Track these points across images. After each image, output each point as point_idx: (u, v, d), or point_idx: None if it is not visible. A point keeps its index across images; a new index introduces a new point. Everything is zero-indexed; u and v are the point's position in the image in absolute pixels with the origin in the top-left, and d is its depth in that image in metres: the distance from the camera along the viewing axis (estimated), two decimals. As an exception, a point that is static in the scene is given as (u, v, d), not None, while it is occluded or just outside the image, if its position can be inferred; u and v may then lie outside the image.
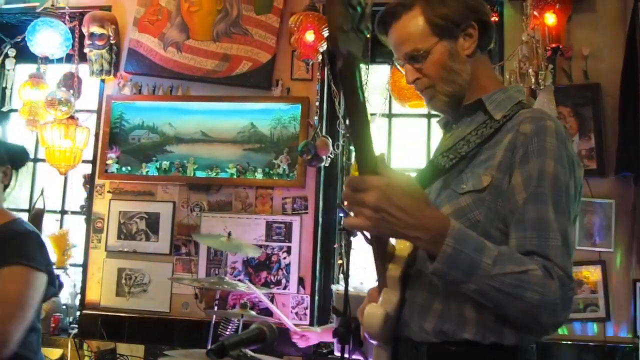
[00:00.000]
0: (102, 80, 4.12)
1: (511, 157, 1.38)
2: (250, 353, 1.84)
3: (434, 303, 1.40)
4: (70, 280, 4.04)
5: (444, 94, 1.53)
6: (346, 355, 1.88)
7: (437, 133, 2.25)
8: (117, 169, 3.97)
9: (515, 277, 1.23)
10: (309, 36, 3.48)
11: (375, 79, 3.96)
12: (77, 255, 4.03)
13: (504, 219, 1.36)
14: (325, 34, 3.64)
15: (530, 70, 3.22)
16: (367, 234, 1.38)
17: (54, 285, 2.09)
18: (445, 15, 1.48)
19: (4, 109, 4.30)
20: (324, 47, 3.66)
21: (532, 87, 3.27)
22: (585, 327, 3.37)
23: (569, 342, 3.35)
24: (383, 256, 1.44)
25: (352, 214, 1.24)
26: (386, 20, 1.56)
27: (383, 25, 1.57)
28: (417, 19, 1.50)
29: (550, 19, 3.34)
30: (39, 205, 4.08)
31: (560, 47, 3.37)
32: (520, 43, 3.32)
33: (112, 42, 4.01)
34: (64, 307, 3.95)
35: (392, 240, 1.47)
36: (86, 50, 3.99)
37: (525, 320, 1.27)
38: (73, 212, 4.28)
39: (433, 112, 1.72)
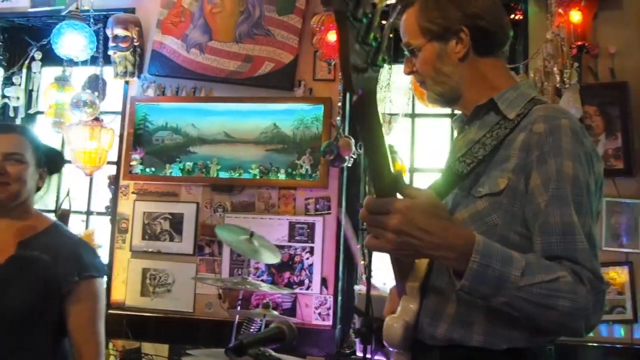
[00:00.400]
0: (126, 82, 4.16)
1: (526, 158, 1.36)
2: (272, 353, 1.85)
3: (446, 309, 1.40)
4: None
5: (434, 92, 1.56)
6: (368, 356, 1.88)
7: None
8: (141, 170, 4.01)
9: (545, 287, 1.20)
10: (331, 36, 3.48)
11: (398, 79, 3.95)
12: (102, 256, 4.07)
13: (524, 222, 1.34)
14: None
15: (555, 69, 3.19)
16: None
17: None
18: (434, 19, 1.50)
19: (31, 111, 4.36)
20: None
21: (557, 85, 3.23)
22: (611, 330, 3.32)
23: (595, 345, 3.30)
24: (403, 269, 1.45)
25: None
26: (398, 10, 1.59)
27: (405, 8, 1.59)
28: (411, 17, 1.54)
29: (575, 16, 3.30)
30: (65, 206, 4.13)
31: (586, 45, 3.33)
32: (545, 41, 3.28)
33: (136, 44, 4.05)
34: (90, 306, 4.00)
35: None
36: (110, 52, 4.04)
37: (558, 327, 1.26)
38: (98, 213, 4.33)
39: (457, 111, 1.71)
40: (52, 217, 2.16)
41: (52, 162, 2.13)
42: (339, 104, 3.78)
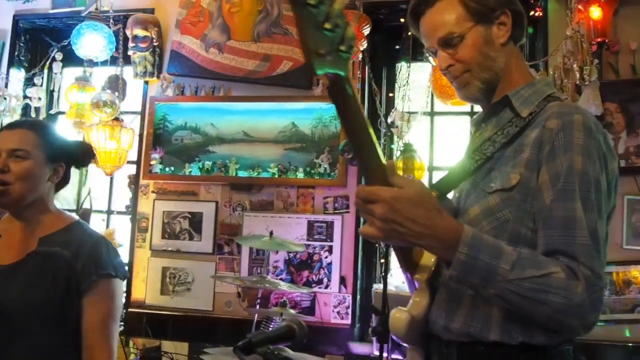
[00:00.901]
0: (146, 82, 4.19)
1: (538, 154, 1.36)
2: (288, 351, 1.84)
3: (461, 303, 1.40)
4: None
5: (480, 80, 1.50)
6: (385, 355, 1.88)
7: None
8: (160, 169, 4.03)
9: (535, 281, 1.21)
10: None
11: (417, 77, 3.93)
12: (122, 254, 4.10)
13: (534, 217, 1.34)
14: (366, 31, 3.64)
15: (574, 66, 3.16)
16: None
17: None
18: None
19: (52, 112, 4.40)
20: (364, 45, 3.65)
21: (577, 82, 3.20)
22: (636, 329, 3.27)
23: (618, 344, 3.26)
24: (407, 260, 1.45)
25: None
26: (418, 10, 1.54)
27: (414, 15, 1.56)
28: (452, 3, 1.48)
29: (595, 12, 3.27)
30: (86, 205, 4.17)
31: (606, 41, 3.29)
32: (564, 38, 3.25)
33: (155, 44, 4.08)
34: (111, 305, 4.03)
35: None
36: (130, 52, 4.07)
37: (552, 324, 1.26)
38: (119, 212, 4.37)
39: (475, 109, 1.71)
40: (74, 215, 2.09)
41: (73, 156, 2.06)
42: (358, 102, 3.77)
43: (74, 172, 2.11)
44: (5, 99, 4.26)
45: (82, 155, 2.10)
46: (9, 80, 4.40)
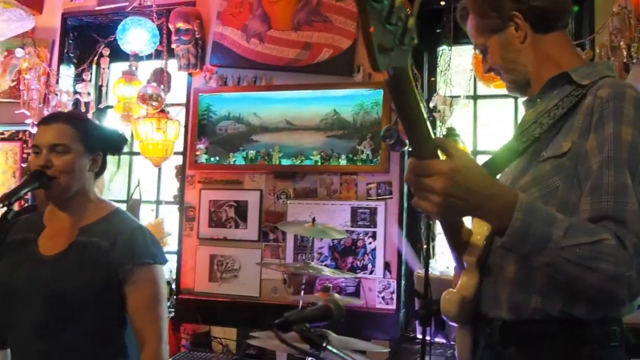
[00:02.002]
0: (190, 74, 4.27)
1: (588, 122, 1.36)
2: (332, 334, 1.87)
3: (507, 280, 1.41)
4: (167, 267, 4.22)
5: (508, 81, 1.62)
6: (428, 338, 1.89)
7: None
8: (206, 159, 4.11)
9: (587, 248, 1.20)
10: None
11: (459, 61, 3.90)
12: (172, 243, 4.21)
13: (581, 184, 1.33)
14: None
15: (622, 44, 3.07)
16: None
17: None
18: (488, 14, 1.55)
19: (101, 106, 4.52)
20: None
21: (625, 61, 3.11)
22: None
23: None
24: (456, 240, 1.46)
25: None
26: (463, 14, 1.66)
27: (464, 17, 1.66)
28: (471, 21, 1.62)
29: (643, -13, 3.17)
30: (135, 196, 4.29)
31: (655, 17, 3.19)
32: (611, 15, 3.16)
33: (197, 36, 4.14)
34: (161, 292, 4.14)
35: (469, 224, 1.48)
36: (173, 45, 4.15)
37: (601, 294, 1.23)
38: (167, 202, 4.48)
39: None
40: (113, 204, 2.15)
41: (108, 144, 2.10)
42: (399, 87, 3.76)
43: (124, 164, 2.17)
44: (56, 95, 4.40)
45: (117, 142, 2.15)
46: (59, 76, 4.55)
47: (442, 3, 3.72)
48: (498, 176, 1.54)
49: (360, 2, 0.93)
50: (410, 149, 1.18)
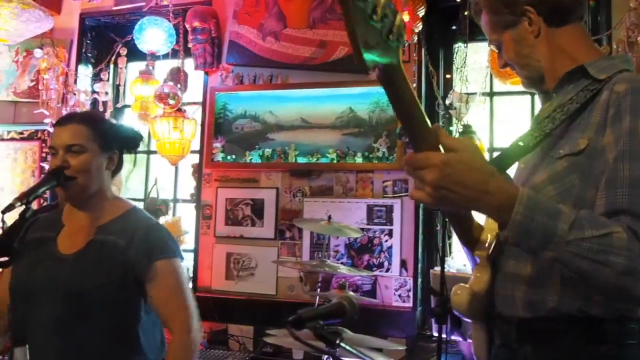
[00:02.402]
0: (206, 73, 4.29)
1: (605, 118, 1.34)
2: (348, 332, 1.87)
3: (521, 276, 1.40)
4: (183, 265, 4.23)
5: (523, 77, 1.61)
6: (444, 336, 1.89)
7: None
8: (222, 157, 4.13)
9: (595, 242, 1.17)
10: (404, 17, 3.45)
11: (475, 58, 3.88)
12: (189, 242, 4.24)
13: (597, 180, 1.31)
14: (421, 13, 3.60)
15: (639, 39, 3.03)
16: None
17: None
18: (500, 11, 1.54)
19: (119, 105, 4.56)
20: (419, 27, 3.62)
21: (643, 56, 3.08)
22: None
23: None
24: (466, 236, 1.46)
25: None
26: (476, 9, 1.65)
27: (477, 13, 1.65)
28: (485, 17, 1.61)
29: (661, -18, 3.13)
30: (153, 194, 4.32)
31: (674, 12, 3.15)
32: (628, 10, 3.13)
33: (214, 35, 4.16)
34: (179, 290, 4.16)
35: (481, 220, 1.48)
36: (190, 44, 4.17)
37: (614, 289, 1.20)
38: (184, 201, 4.50)
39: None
40: (130, 202, 2.18)
41: (124, 142, 2.12)
42: (414, 85, 3.75)
43: (141, 163, 2.19)
44: (74, 94, 4.45)
45: (133, 139, 2.17)
46: (77, 76, 4.59)
47: (458, 0, 3.70)
48: (509, 171, 1.53)
49: (343, 1, 0.93)
50: (409, 142, 1.18)
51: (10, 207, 1.79)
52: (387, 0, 0.97)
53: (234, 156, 4.11)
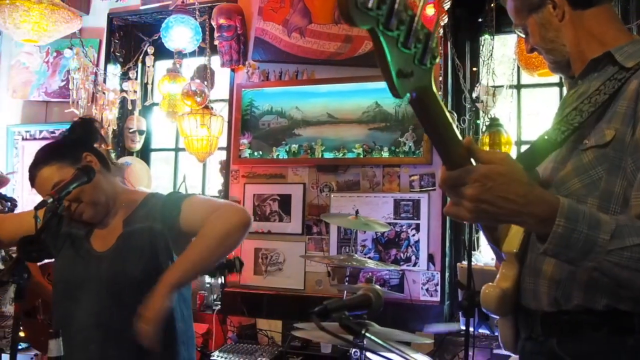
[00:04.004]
0: (232, 70, 4.32)
1: (635, 108, 1.29)
2: (377, 327, 1.87)
3: (547, 272, 1.38)
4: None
5: (550, 62, 1.58)
6: (471, 329, 1.88)
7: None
8: (249, 154, 4.16)
9: (637, 250, 1.13)
10: (429, 10, 3.44)
11: (501, 50, 3.84)
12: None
13: (630, 177, 1.27)
14: (447, 6, 3.58)
15: (671, 28, 2.98)
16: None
17: None
18: None
19: (147, 103, 4.62)
20: (445, 20, 3.60)
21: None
22: None
23: None
24: (494, 234, 1.45)
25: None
26: None
27: None
28: (510, 2, 1.58)
29: (693, -31, 3.07)
30: (181, 191, 4.37)
31: None
32: (659, -2, 3.08)
33: (239, 32, 4.19)
34: (208, 285, 4.22)
35: None
36: (216, 42, 4.20)
37: None
38: (212, 197, 4.53)
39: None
40: (146, 190, 2.24)
41: (83, 142, 2.09)
42: (440, 78, 3.74)
43: (169, 161, 2.22)
44: (104, 93, 4.52)
45: (87, 133, 2.12)
46: (106, 75, 4.66)
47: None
48: (537, 167, 1.50)
49: (373, 36, 0.89)
50: (442, 160, 1.13)
51: (43, 204, 1.83)
52: (419, 25, 0.92)
53: (261, 152, 4.13)
